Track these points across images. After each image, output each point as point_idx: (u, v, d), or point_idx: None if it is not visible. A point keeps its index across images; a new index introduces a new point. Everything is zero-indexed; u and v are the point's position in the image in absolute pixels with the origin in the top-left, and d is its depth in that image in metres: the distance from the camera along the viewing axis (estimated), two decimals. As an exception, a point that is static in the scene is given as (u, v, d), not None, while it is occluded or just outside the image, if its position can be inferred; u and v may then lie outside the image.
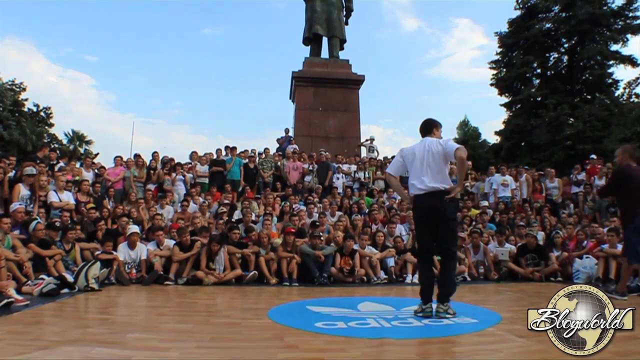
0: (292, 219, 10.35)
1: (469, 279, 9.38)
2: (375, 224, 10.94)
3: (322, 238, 9.34)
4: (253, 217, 10.68)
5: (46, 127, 38.08)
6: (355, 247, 9.25)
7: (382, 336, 4.13)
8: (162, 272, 8.35)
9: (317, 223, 10.08)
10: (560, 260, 9.56)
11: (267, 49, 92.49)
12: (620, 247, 8.37)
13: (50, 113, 38.52)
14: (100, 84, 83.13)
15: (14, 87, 35.02)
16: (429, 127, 5.73)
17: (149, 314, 5.89)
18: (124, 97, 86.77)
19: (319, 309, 5.59)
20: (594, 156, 14.53)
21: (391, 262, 9.37)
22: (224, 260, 8.57)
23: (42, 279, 6.60)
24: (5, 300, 5.09)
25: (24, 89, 35.82)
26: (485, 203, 12.65)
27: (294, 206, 11.76)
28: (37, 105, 37.73)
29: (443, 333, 4.30)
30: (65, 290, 6.70)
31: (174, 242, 8.90)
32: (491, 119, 73.53)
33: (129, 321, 4.97)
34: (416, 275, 9.03)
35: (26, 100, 36.27)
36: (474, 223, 11.34)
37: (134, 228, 8.87)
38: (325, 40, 19.05)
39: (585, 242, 9.88)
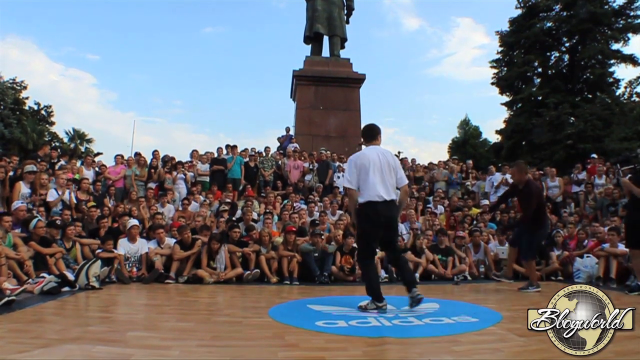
0: (292, 217, 10.34)
1: (469, 278, 9.38)
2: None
3: (322, 237, 9.34)
4: (254, 216, 10.68)
5: (47, 126, 38.12)
6: (356, 245, 9.25)
7: (382, 335, 4.13)
8: (162, 271, 8.36)
9: (318, 222, 10.09)
10: (561, 259, 9.56)
11: (268, 47, 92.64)
12: (621, 246, 8.39)
13: (51, 111, 38.59)
14: (101, 82, 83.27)
15: (14, 85, 35.05)
16: (374, 134, 5.77)
17: (150, 312, 5.89)
18: (125, 95, 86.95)
19: (319, 307, 5.59)
20: (595, 155, 14.52)
21: (392, 261, 9.36)
22: (224, 259, 8.58)
23: (42, 277, 6.60)
24: (6, 299, 5.09)
25: (25, 88, 35.89)
26: (486, 202, 12.64)
27: (294, 205, 11.76)
28: (38, 104, 37.83)
29: (443, 332, 4.29)
30: (66, 289, 6.71)
31: (174, 240, 8.91)
32: (492, 118, 73.92)
33: (129, 319, 4.98)
34: (417, 274, 9.08)
35: (27, 98, 36.34)
36: (474, 222, 11.33)
37: (133, 221, 8.90)
38: (326, 39, 19.05)
39: (586, 241, 9.88)
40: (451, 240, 9.89)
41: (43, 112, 38.09)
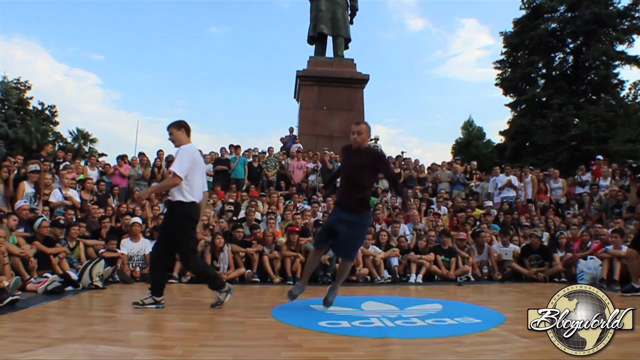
0: (296, 218, 10.35)
1: (472, 279, 9.37)
2: (379, 224, 10.93)
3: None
4: (257, 216, 10.69)
5: (51, 126, 38.21)
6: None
7: (385, 335, 4.12)
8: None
9: (321, 222, 10.09)
10: (565, 261, 9.53)
11: (272, 48, 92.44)
12: (625, 248, 8.36)
13: (55, 111, 38.69)
14: (105, 82, 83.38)
15: (19, 85, 35.16)
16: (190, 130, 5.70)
17: (153, 312, 5.89)
18: (129, 95, 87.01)
19: (322, 308, 5.59)
20: (600, 157, 14.49)
21: (395, 261, 9.37)
22: (227, 258, 8.58)
23: (46, 276, 6.61)
24: (10, 298, 5.11)
25: (29, 88, 36.02)
26: (490, 203, 12.62)
27: (298, 205, 11.77)
28: (42, 104, 37.91)
29: (447, 333, 4.29)
30: (70, 288, 6.72)
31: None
32: (496, 119, 73.72)
33: (133, 319, 4.99)
34: (420, 275, 9.08)
35: (31, 98, 36.46)
36: (477, 223, 11.32)
37: (135, 219, 8.92)
38: (330, 39, 19.02)
39: (590, 243, 9.85)
40: (454, 241, 9.88)
41: (47, 112, 38.19)
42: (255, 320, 4.88)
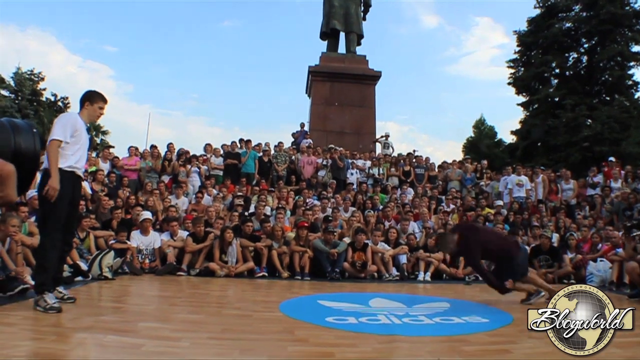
0: (306, 213, 10.36)
1: (480, 278, 9.31)
2: (389, 221, 10.92)
3: (335, 233, 9.34)
4: (267, 211, 10.71)
5: (64, 117, 38.43)
6: (368, 242, 9.26)
7: (392, 333, 4.13)
8: (175, 263, 8.43)
9: (330, 218, 10.10)
10: (574, 262, 9.46)
11: (284, 42, 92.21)
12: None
13: (68, 103, 38.86)
14: (118, 74, 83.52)
15: (32, 76, 35.41)
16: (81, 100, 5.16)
17: (161, 304, 5.95)
18: (141, 88, 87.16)
19: (330, 303, 5.60)
20: (612, 159, 14.35)
21: (403, 259, 9.36)
22: (236, 252, 8.61)
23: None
24: (21, 287, 5.16)
25: (42, 79, 36.25)
26: (500, 202, 12.57)
27: (307, 200, 11.78)
28: (54, 95, 38.13)
29: (454, 332, 4.28)
30: (79, 279, 6.78)
31: (187, 233, 8.97)
32: (507, 118, 73.19)
33: (141, 310, 5.03)
34: (428, 273, 9.07)
35: (44, 89, 36.68)
36: (486, 223, 11.26)
37: (145, 214, 8.97)
38: (342, 35, 19.02)
39: (600, 245, 9.78)
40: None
41: (60, 103, 38.42)
42: (263, 314, 4.90)
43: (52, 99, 37.91)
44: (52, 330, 3.74)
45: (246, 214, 10.43)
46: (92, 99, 5.10)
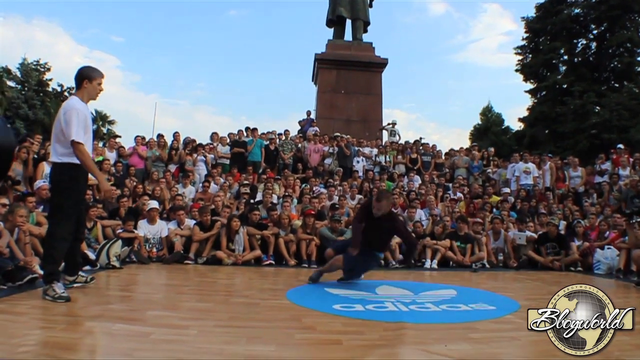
0: (312, 201, 10.36)
1: (487, 266, 9.33)
2: (395, 209, 10.90)
3: (341, 221, 9.35)
4: (274, 199, 10.73)
5: (70, 107, 38.47)
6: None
7: (399, 320, 4.13)
8: (182, 252, 8.46)
9: (337, 206, 10.09)
10: (581, 250, 9.44)
11: (291, 31, 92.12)
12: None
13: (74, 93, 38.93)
14: (125, 64, 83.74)
15: (38, 67, 35.44)
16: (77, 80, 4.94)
17: (169, 292, 5.98)
18: (148, 78, 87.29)
19: (337, 291, 5.62)
20: (621, 146, 14.24)
21: (410, 247, 9.36)
22: (243, 241, 8.64)
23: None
24: (30, 276, 5.19)
25: (49, 69, 36.27)
26: (507, 190, 12.52)
27: (314, 188, 11.79)
28: (61, 85, 38.15)
29: (460, 319, 4.29)
30: (87, 268, 6.80)
31: (194, 222, 8.99)
32: (515, 105, 72.66)
33: (149, 299, 5.05)
34: (435, 261, 9.07)
35: (51, 80, 36.71)
36: (494, 210, 11.25)
37: (152, 203, 9.00)
38: (349, 22, 18.95)
39: (608, 232, 9.74)
40: (470, 228, 9.83)
41: (66, 93, 38.43)
42: (270, 302, 4.91)
43: (59, 89, 37.94)
44: (61, 319, 3.77)
45: (252, 201, 10.45)
46: (91, 76, 4.90)
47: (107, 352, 3.09)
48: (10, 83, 33.02)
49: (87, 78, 4.86)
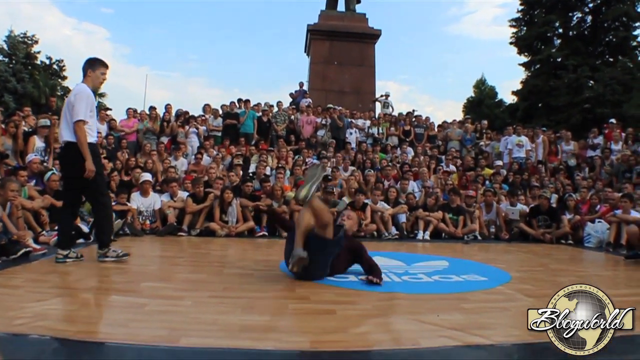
0: (305, 173, 10.36)
1: (479, 237, 9.41)
2: (388, 180, 10.94)
3: (334, 193, 9.38)
4: (267, 171, 10.73)
5: (59, 80, 37.98)
6: (367, 201, 9.30)
7: (392, 290, 4.17)
8: (176, 224, 8.47)
9: (330, 177, 10.11)
10: (572, 223, 9.52)
11: (283, 1, 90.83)
12: (634, 213, 8.35)
13: (63, 66, 38.28)
14: (115, 36, 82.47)
15: (26, 39, 34.82)
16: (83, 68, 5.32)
17: (163, 264, 6.00)
18: (138, 50, 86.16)
19: (330, 262, 5.64)
20: (613, 120, 14.28)
21: (403, 218, 9.44)
22: (236, 212, 8.66)
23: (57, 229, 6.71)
24: (24, 250, 5.21)
25: (36, 42, 35.57)
26: (500, 163, 12.58)
27: (307, 160, 11.79)
28: (49, 58, 37.53)
29: (452, 289, 4.33)
30: (81, 241, 6.82)
31: (187, 194, 8.99)
32: (509, 78, 72.32)
33: (143, 271, 5.06)
34: (427, 232, 9.13)
35: (39, 53, 36.09)
36: (487, 182, 11.31)
37: (145, 176, 8.98)
38: (342, -7, 18.71)
39: (599, 206, 9.83)
40: (462, 200, 9.88)
41: (55, 66, 37.89)
42: (264, 272, 4.95)
43: (47, 62, 37.38)
44: (56, 291, 3.78)
45: (250, 174, 10.46)
46: (94, 65, 5.26)
47: (103, 324, 3.11)
48: (-3, 56, 32.48)
49: (90, 67, 5.24)
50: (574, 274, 5.80)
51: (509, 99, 36.42)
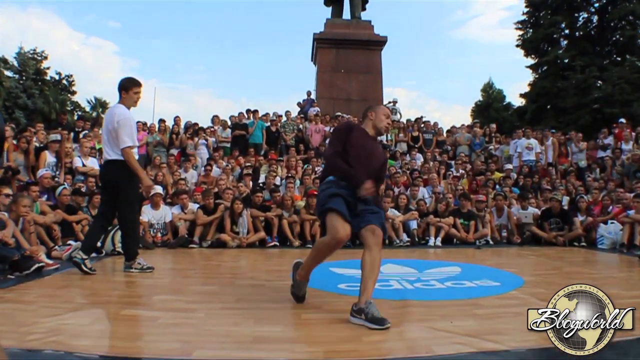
0: (315, 182, 10.38)
1: (491, 242, 9.36)
2: (398, 187, 10.92)
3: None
4: (277, 181, 10.75)
5: (69, 95, 38.37)
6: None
7: (404, 298, 4.16)
8: (187, 236, 8.50)
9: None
10: (585, 225, 9.45)
11: (289, 11, 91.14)
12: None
13: (72, 81, 38.75)
14: (123, 50, 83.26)
15: (35, 55, 35.24)
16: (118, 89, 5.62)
17: (175, 276, 6.02)
18: (147, 62, 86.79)
19: (342, 270, 5.65)
20: (623, 120, 14.19)
21: (414, 224, 9.41)
22: (247, 223, 8.67)
23: (69, 244, 6.77)
24: (37, 265, 5.23)
25: (46, 58, 36.01)
26: (510, 166, 12.51)
27: (316, 169, 11.80)
28: (59, 74, 37.96)
29: (465, 295, 4.31)
30: (93, 255, 6.84)
31: (197, 205, 9.01)
32: (516, 81, 71.84)
33: (155, 283, 5.07)
34: (439, 238, 9.10)
35: (48, 68, 36.51)
36: (497, 187, 11.25)
37: (156, 189, 9.00)
38: (347, 0, 18.76)
39: (611, 207, 9.74)
40: (473, 205, 9.84)
41: (64, 81, 38.28)
42: (276, 283, 4.94)
43: (57, 77, 37.78)
44: (69, 306, 3.79)
45: (260, 184, 10.48)
46: (126, 86, 5.53)
47: (116, 338, 3.11)
48: (8, 73, 32.82)
49: (123, 89, 5.52)
50: (588, 276, 5.73)
51: (517, 101, 36.26)
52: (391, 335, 3.11)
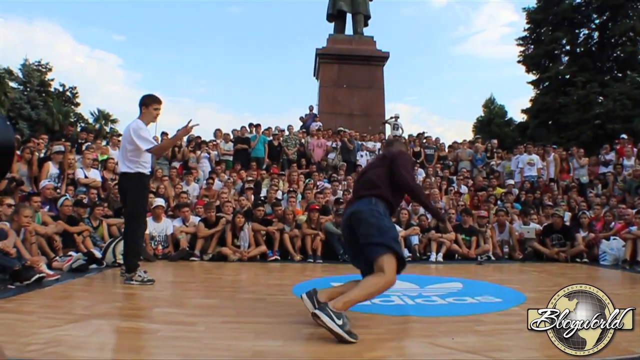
0: (317, 196, 10.40)
1: (493, 258, 9.33)
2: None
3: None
4: (279, 195, 10.75)
5: (72, 107, 38.57)
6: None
7: (406, 313, 4.14)
8: (188, 249, 8.48)
9: (341, 200, 10.10)
10: (587, 241, 9.43)
11: (292, 26, 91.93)
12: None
13: (76, 93, 39.03)
14: (126, 63, 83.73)
15: (40, 67, 35.51)
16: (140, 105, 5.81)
17: (175, 289, 6.00)
18: (150, 76, 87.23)
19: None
20: (624, 136, 14.21)
21: (415, 240, 9.38)
22: (248, 237, 8.66)
23: (70, 255, 6.76)
24: (37, 276, 5.22)
25: (50, 69, 36.34)
26: (511, 182, 12.51)
27: (318, 183, 11.81)
28: (63, 85, 38.24)
29: (467, 311, 4.29)
30: (94, 266, 6.84)
31: (199, 218, 9.01)
32: (518, 97, 72.00)
33: (155, 296, 5.06)
34: (440, 254, 9.07)
35: (52, 80, 36.78)
36: (499, 202, 11.24)
37: (158, 201, 9.01)
38: (349, 16, 18.89)
39: (613, 223, 9.72)
40: (474, 220, 9.82)
41: (68, 93, 38.53)
42: (276, 297, 4.93)
43: (61, 89, 38.02)
44: (69, 317, 3.78)
45: (262, 198, 10.48)
46: (146, 102, 5.73)
47: (116, 350, 3.11)
48: (13, 84, 33.07)
49: (143, 105, 5.72)
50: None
51: (519, 117, 36.36)
52: (392, 351, 3.10)
